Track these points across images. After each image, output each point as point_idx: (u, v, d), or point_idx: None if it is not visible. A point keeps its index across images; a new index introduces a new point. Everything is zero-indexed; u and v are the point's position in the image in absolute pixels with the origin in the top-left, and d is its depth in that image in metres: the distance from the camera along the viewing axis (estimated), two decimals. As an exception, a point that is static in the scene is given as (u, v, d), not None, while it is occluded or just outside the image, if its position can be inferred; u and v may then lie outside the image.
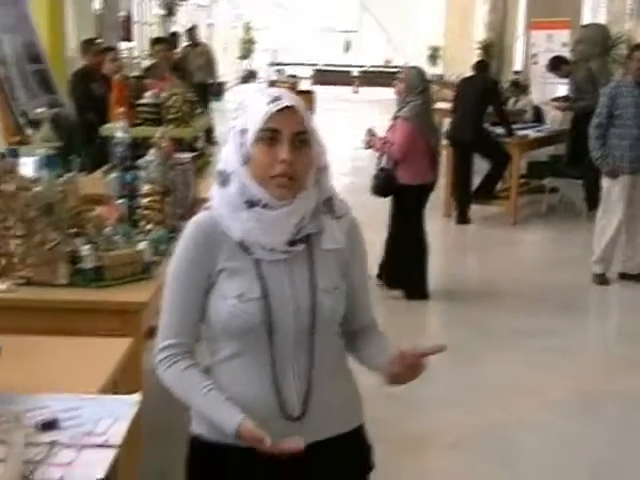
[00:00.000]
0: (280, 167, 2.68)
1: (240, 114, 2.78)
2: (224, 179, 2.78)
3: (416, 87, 8.75)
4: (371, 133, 8.87)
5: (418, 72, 9.21)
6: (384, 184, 8.71)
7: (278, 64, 37.37)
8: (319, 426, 2.84)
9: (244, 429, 2.66)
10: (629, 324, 9.01)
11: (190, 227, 2.87)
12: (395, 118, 8.74)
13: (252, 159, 2.71)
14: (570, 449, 6.12)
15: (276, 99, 2.71)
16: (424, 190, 8.86)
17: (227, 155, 2.79)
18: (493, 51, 23.10)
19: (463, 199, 12.70)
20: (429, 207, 12.78)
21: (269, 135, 2.68)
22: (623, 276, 9.92)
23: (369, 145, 8.88)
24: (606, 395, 7.05)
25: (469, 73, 14.03)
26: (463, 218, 12.62)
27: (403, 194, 8.71)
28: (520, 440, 6.29)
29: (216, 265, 2.78)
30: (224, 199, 2.78)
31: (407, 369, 2.77)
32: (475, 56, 13.71)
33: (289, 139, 2.69)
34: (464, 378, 7.25)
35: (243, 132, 2.73)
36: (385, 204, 9.06)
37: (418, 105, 8.55)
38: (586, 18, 22.94)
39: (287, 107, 2.69)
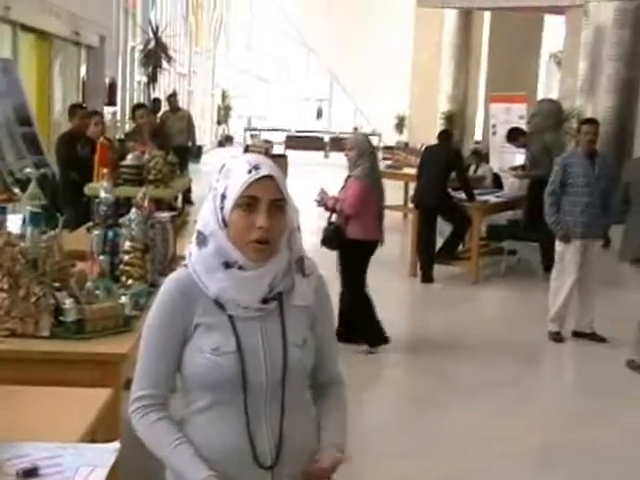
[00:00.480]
0: (257, 233, 2.69)
1: (221, 179, 2.77)
2: (202, 240, 2.79)
3: (364, 151, 8.95)
4: (323, 192, 9.05)
5: (365, 139, 9.63)
6: (332, 236, 8.86)
7: (253, 129, 37.52)
8: (290, 474, 2.81)
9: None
10: (583, 379, 9.06)
11: (168, 283, 2.87)
12: (347, 178, 8.88)
13: (230, 223, 2.71)
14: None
15: (256, 167, 2.72)
16: (371, 246, 8.97)
17: (206, 217, 2.79)
18: (455, 121, 23.29)
19: (427, 259, 12.71)
20: (395, 267, 12.85)
21: (247, 202, 2.69)
22: (576, 334, 9.92)
23: (321, 203, 9.03)
24: (563, 446, 7.01)
25: (433, 141, 14.09)
26: (427, 277, 12.64)
27: (352, 249, 8.83)
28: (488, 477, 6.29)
29: (192, 320, 2.77)
30: (201, 258, 2.78)
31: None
32: (439, 125, 13.81)
33: (266, 206, 2.70)
34: (424, 427, 7.28)
35: (223, 197, 2.73)
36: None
37: (367, 167, 8.75)
38: (541, 93, 23.30)
39: (266, 176, 2.71)
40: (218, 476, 2.68)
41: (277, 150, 27.27)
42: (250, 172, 2.71)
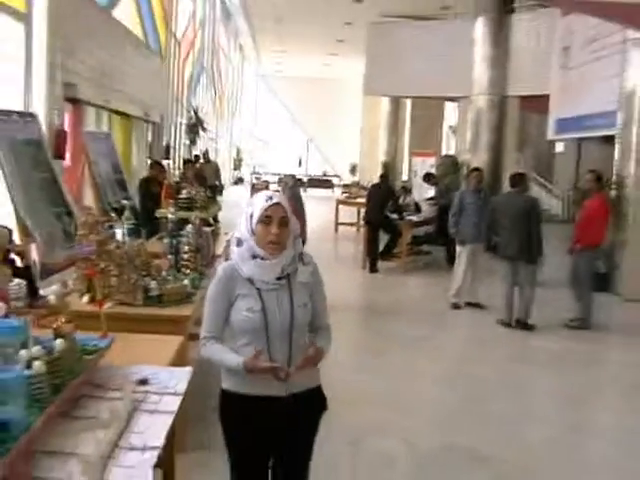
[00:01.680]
0: (272, 237, 2.87)
1: (250, 205, 2.96)
2: (239, 242, 2.95)
3: (292, 186, 9.25)
4: None
5: (293, 178, 9.72)
6: None
7: (256, 173, 37.35)
8: (296, 384, 2.96)
9: (247, 360, 2.82)
10: (471, 332, 9.07)
11: (220, 270, 3.01)
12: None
13: (256, 232, 2.89)
14: (439, 394, 6.23)
15: (270, 198, 2.92)
16: None
17: (241, 228, 2.95)
18: (390, 167, 23.37)
19: (373, 258, 12.70)
20: (352, 263, 12.83)
21: (265, 220, 2.88)
22: (468, 304, 9.99)
23: None
24: (460, 374, 7.13)
25: (376, 181, 14.09)
26: (373, 269, 12.63)
27: None
28: (414, 393, 6.30)
29: (235, 291, 2.91)
30: (238, 254, 2.95)
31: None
32: (379, 170, 13.90)
33: (277, 221, 2.88)
34: (372, 366, 7.30)
35: (251, 216, 2.90)
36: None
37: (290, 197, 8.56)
38: (443, 151, 23.51)
39: (276, 203, 2.92)
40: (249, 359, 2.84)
41: (272, 187, 27.21)
42: (267, 201, 2.90)
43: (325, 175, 40.22)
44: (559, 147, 21.06)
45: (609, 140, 12.19)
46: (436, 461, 4.99)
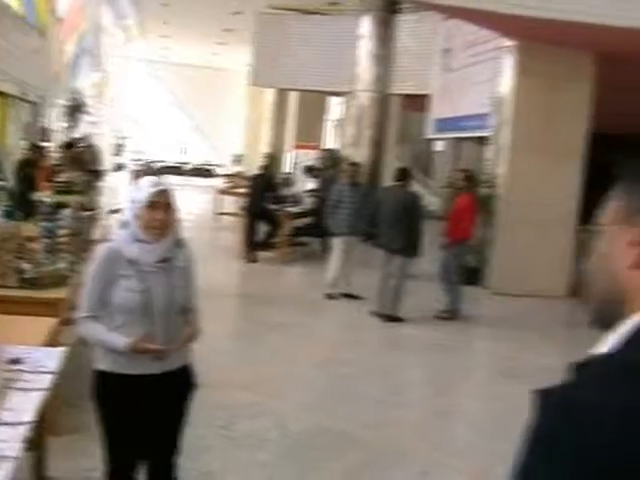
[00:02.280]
0: (156, 223, 2.98)
1: (135, 191, 3.04)
2: (123, 225, 3.04)
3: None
4: None
5: (150, 167, 9.61)
6: None
7: (139, 160, 36.68)
8: (170, 362, 3.10)
9: (134, 341, 2.93)
10: (345, 320, 9.26)
11: (101, 250, 3.10)
12: None
13: (141, 217, 2.97)
14: (312, 378, 6.40)
15: (156, 184, 3.03)
16: None
17: (126, 212, 3.04)
18: (273, 158, 23.49)
19: (252, 247, 12.73)
20: (231, 253, 12.89)
21: (151, 205, 2.97)
22: (343, 295, 10.15)
23: None
24: (330, 359, 7.31)
25: (257, 172, 14.21)
26: (252, 259, 12.66)
27: None
28: (288, 377, 6.44)
29: (116, 272, 2.98)
30: (122, 236, 3.03)
31: None
32: (261, 161, 14.00)
33: (162, 207, 2.99)
34: (248, 349, 7.45)
35: (137, 201, 2.98)
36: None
37: None
38: (327, 144, 23.85)
39: (162, 189, 3.02)
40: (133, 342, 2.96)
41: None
42: (153, 187, 3.00)
43: (208, 164, 39.98)
44: (439, 146, 21.77)
45: (484, 141, 12.77)
46: (307, 443, 5.17)
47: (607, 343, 1.11)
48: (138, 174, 19.85)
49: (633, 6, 9.02)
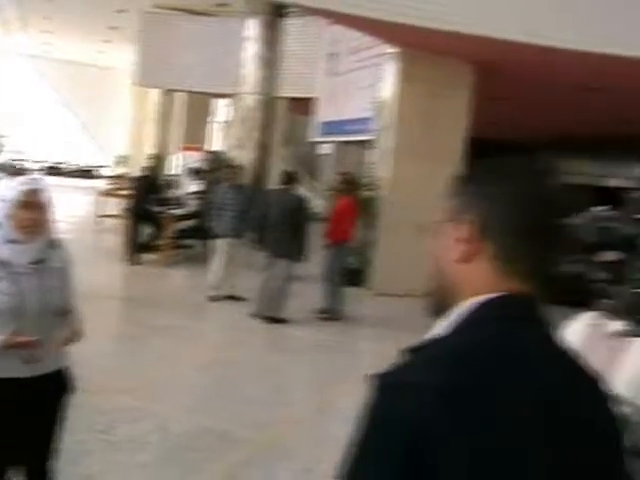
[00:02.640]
0: (28, 222, 2.92)
1: (7, 190, 2.97)
2: None
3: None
4: None
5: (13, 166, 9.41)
6: None
7: (17, 159, 35.47)
8: (46, 365, 3.06)
9: (2, 337, 2.87)
10: (229, 322, 9.23)
11: None
12: None
13: (13, 217, 2.91)
14: (194, 380, 6.47)
15: (28, 183, 2.98)
16: None
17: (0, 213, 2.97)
18: (158, 160, 23.22)
19: (135, 250, 12.56)
20: (113, 254, 12.68)
21: (23, 204, 2.91)
22: (227, 297, 10.15)
23: None
24: (217, 360, 7.36)
25: (141, 173, 14.00)
26: (135, 261, 12.48)
27: None
28: (170, 379, 6.43)
29: None
30: None
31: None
32: (146, 162, 13.84)
33: (35, 206, 2.94)
34: (134, 353, 7.37)
35: (8, 201, 2.92)
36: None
37: None
38: (214, 146, 23.78)
39: (34, 189, 2.98)
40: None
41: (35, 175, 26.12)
42: (25, 186, 2.95)
43: (92, 165, 39.07)
44: (325, 149, 22.06)
45: (368, 145, 13.07)
46: (189, 445, 5.16)
47: (437, 329, 1.23)
48: (12, 173, 19.20)
49: (508, 19, 9.46)
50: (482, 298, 1.19)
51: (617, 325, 1.64)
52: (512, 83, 12.43)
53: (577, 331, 2.27)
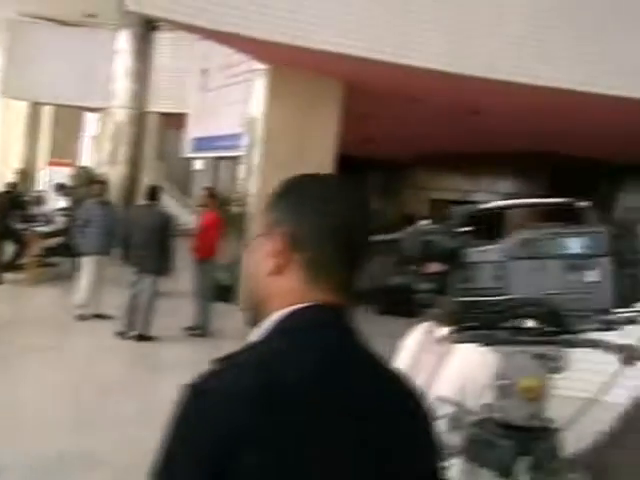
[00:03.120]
0: None
1: None
2: None
3: None
4: None
5: None
6: None
7: None
8: None
9: None
10: (98, 341, 9.10)
11: None
12: None
13: None
14: (59, 401, 6.23)
15: None
16: None
17: None
18: (25, 175, 22.51)
19: None
20: None
21: None
22: (95, 315, 10.04)
23: None
24: (85, 381, 7.26)
25: (4, 189, 13.57)
26: None
27: None
28: (32, 402, 6.24)
29: None
30: None
31: None
32: (10, 178, 13.41)
33: None
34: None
35: None
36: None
37: None
38: (83, 161, 23.24)
39: None
40: None
41: None
42: None
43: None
44: (198, 164, 21.97)
45: (239, 160, 13.13)
46: (49, 469, 5.09)
47: (251, 338, 1.32)
48: None
49: (375, 38, 9.74)
50: (291, 308, 1.28)
51: (444, 332, 1.79)
52: (381, 101, 12.77)
53: (414, 340, 2.42)
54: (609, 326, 1.56)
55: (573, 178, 16.04)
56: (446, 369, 2.22)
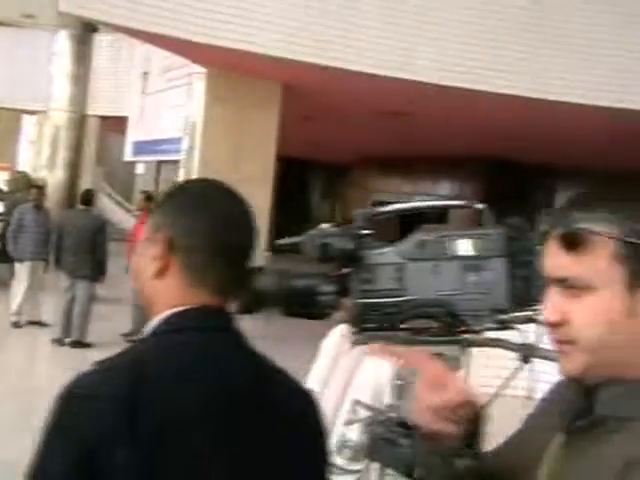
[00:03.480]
0: None
1: None
2: None
3: None
4: None
5: None
6: None
7: None
8: None
9: None
10: (34, 349, 9.12)
11: None
12: None
13: None
14: None
15: None
16: None
17: None
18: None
19: None
20: None
21: None
22: (30, 322, 9.87)
23: None
24: (20, 390, 7.05)
25: None
26: None
27: None
28: None
29: None
30: None
31: None
32: None
33: None
34: None
35: None
36: None
37: None
38: (21, 165, 22.86)
39: None
40: None
41: None
42: None
43: None
44: (140, 168, 21.78)
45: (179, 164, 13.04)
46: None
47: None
48: None
49: (307, 41, 9.77)
50: (171, 311, 1.29)
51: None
52: (319, 105, 12.82)
53: (331, 342, 2.43)
54: (505, 326, 1.58)
55: (510, 182, 16.34)
56: (362, 372, 2.24)
